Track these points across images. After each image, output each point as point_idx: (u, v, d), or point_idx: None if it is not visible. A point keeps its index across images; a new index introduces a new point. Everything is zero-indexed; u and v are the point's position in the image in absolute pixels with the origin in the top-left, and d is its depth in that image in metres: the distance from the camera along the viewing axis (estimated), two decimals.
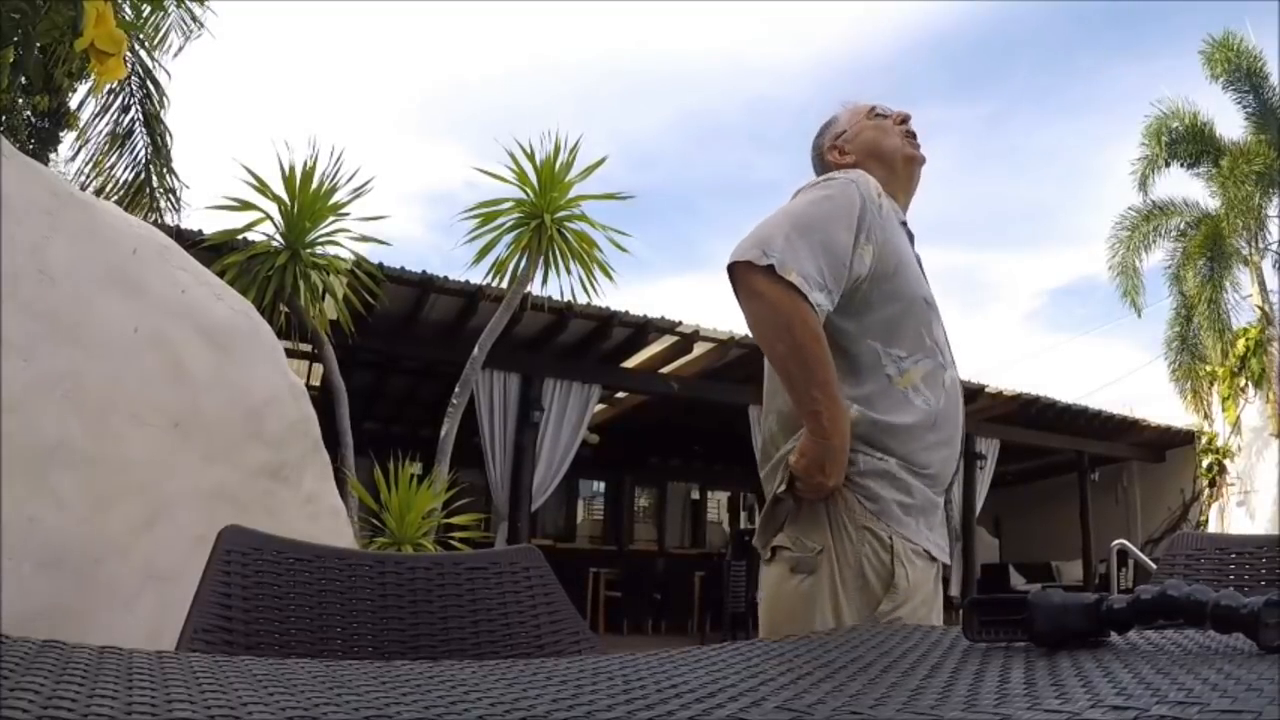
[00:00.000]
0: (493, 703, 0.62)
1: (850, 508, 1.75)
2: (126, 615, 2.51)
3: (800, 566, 1.77)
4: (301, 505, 3.21)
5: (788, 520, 1.83)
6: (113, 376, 2.60)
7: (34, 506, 2.31)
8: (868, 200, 1.85)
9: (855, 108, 2.16)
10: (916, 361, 1.84)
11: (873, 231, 1.82)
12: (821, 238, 1.75)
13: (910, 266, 1.92)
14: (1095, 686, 0.66)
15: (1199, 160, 14.92)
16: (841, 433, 1.71)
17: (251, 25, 22.34)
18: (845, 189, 1.85)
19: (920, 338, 1.86)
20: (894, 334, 1.84)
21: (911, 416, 1.80)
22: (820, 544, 1.75)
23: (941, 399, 1.85)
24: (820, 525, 1.76)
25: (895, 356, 1.82)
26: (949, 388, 1.89)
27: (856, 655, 0.92)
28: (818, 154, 2.18)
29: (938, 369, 1.87)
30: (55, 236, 2.51)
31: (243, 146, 30.40)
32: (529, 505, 9.50)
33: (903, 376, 1.82)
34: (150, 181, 8.25)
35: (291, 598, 1.39)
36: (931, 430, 1.82)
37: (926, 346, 1.86)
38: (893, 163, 2.07)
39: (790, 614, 1.76)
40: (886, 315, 1.84)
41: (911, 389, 1.82)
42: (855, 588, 1.71)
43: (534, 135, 6.48)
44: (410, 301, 8.67)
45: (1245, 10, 22.19)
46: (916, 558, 1.75)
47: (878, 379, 1.81)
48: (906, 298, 1.87)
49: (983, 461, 12.91)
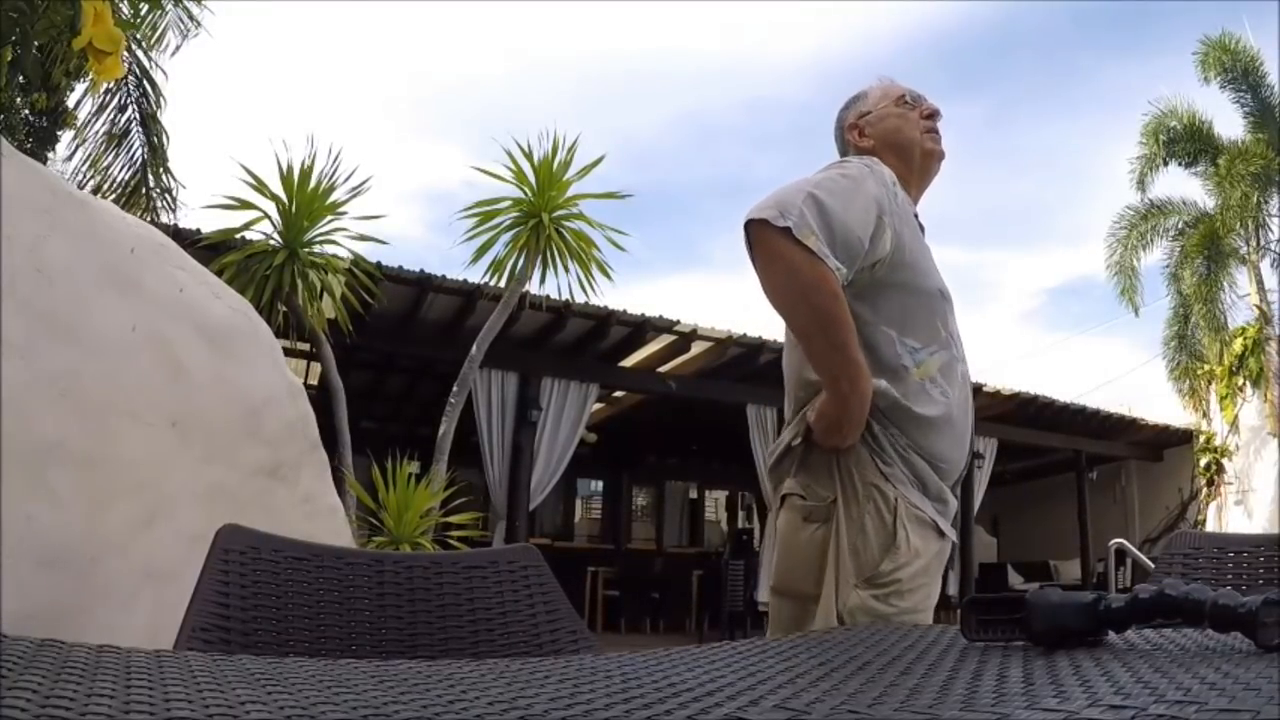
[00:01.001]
0: (491, 701, 0.62)
1: (861, 462, 1.74)
2: (124, 614, 2.51)
3: (813, 515, 1.77)
4: (299, 504, 3.21)
5: (798, 465, 1.83)
6: (110, 375, 2.60)
7: (32, 505, 2.31)
8: (885, 186, 1.84)
9: (887, 89, 2.12)
10: (933, 353, 1.83)
11: (892, 216, 1.81)
12: (840, 209, 1.72)
13: (926, 257, 1.91)
14: (1093, 686, 0.66)
15: (1197, 159, 14.93)
16: (861, 394, 1.71)
17: (250, 25, 22.34)
18: (863, 172, 1.84)
19: (936, 329, 1.85)
20: (909, 324, 1.82)
21: (932, 410, 1.79)
22: (831, 493, 1.75)
23: (956, 392, 1.85)
24: (830, 475, 1.76)
25: (911, 347, 1.81)
26: (962, 382, 1.89)
27: (854, 654, 0.92)
28: (840, 126, 2.15)
29: (953, 361, 1.86)
30: (53, 235, 2.51)
31: (241, 146, 30.41)
32: (527, 504, 9.49)
33: (919, 368, 1.81)
34: (146, 181, 8.24)
35: (289, 597, 1.39)
36: (949, 425, 1.82)
37: (942, 338, 1.86)
38: (910, 155, 2.05)
39: (806, 561, 1.76)
40: (903, 304, 1.83)
41: (929, 381, 1.81)
42: (859, 543, 1.71)
43: (532, 134, 6.49)
44: (408, 300, 8.66)
45: (1244, 10, 22.18)
46: (920, 525, 1.75)
47: (895, 369, 1.80)
48: (922, 288, 1.87)
49: (980, 461, 12.90)
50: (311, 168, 5.95)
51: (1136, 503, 16.08)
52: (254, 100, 26.91)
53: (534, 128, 7.09)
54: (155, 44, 7.98)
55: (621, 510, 16.61)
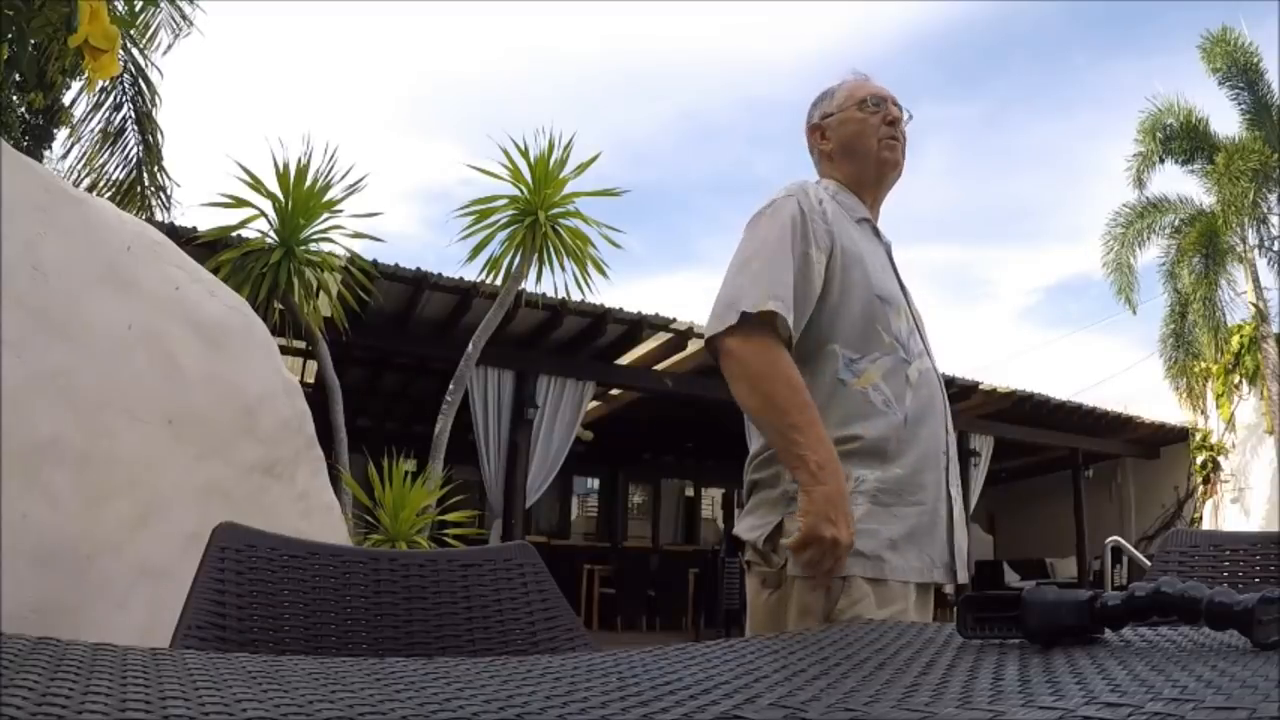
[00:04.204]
0: (487, 699, 0.62)
1: None
2: (120, 612, 2.51)
3: (768, 581, 1.77)
4: (295, 502, 3.20)
5: (751, 517, 1.82)
6: (106, 373, 2.59)
7: (27, 503, 2.31)
8: (808, 211, 1.83)
9: (852, 90, 2.06)
10: (874, 360, 1.80)
11: (819, 238, 1.81)
12: (766, 261, 1.76)
13: (862, 263, 1.86)
14: (1089, 683, 0.67)
15: (1193, 157, 14.94)
16: (835, 475, 1.65)
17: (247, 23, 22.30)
18: (780, 208, 1.84)
19: (876, 335, 1.82)
20: (843, 335, 1.80)
21: (875, 427, 1.77)
22: (782, 557, 1.72)
23: (908, 396, 1.81)
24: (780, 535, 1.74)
25: (848, 358, 1.79)
26: (916, 382, 1.84)
27: (851, 652, 0.92)
28: (807, 123, 2.13)
29: (899, 365, 1.83)
30: (49, 233, 2.50)
31: (237, 144, 30.37)
32: (523, 502, 9.49)
33: (859, 378, 1.79)
34: (142, 179, 8.24)
35: (285, 595, 1.39)
36: (902, 427, 1.79)
37: (885, 344, 1.82)
38: (864, 163, 2.02)
39: (763, 628, 1.76)
40: (833, 315, 1.81)
41: (871, 388, 1.78)
42: (804, 607, 1.68)
43: (528, 132, 6.48)
44: (404, 298, 8.65)
45: (1239, 8, 22.23)
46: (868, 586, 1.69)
47: (833, 384, 1.78)
48: (856, 297, 1.83)
49: (977, 459, 12.92)
50: (308, 165, 5.93)
51: (1133, 500, 16.11)
52: (250, 98, 26.92)
53: (531, 125, 7.09)
54: (148, 43, 7.97)
55: (617, 508, 16.63)
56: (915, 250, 6.60)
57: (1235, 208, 13.95)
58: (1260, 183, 13.93)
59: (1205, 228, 14.51)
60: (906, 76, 36.34)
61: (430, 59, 40.08)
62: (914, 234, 7.89)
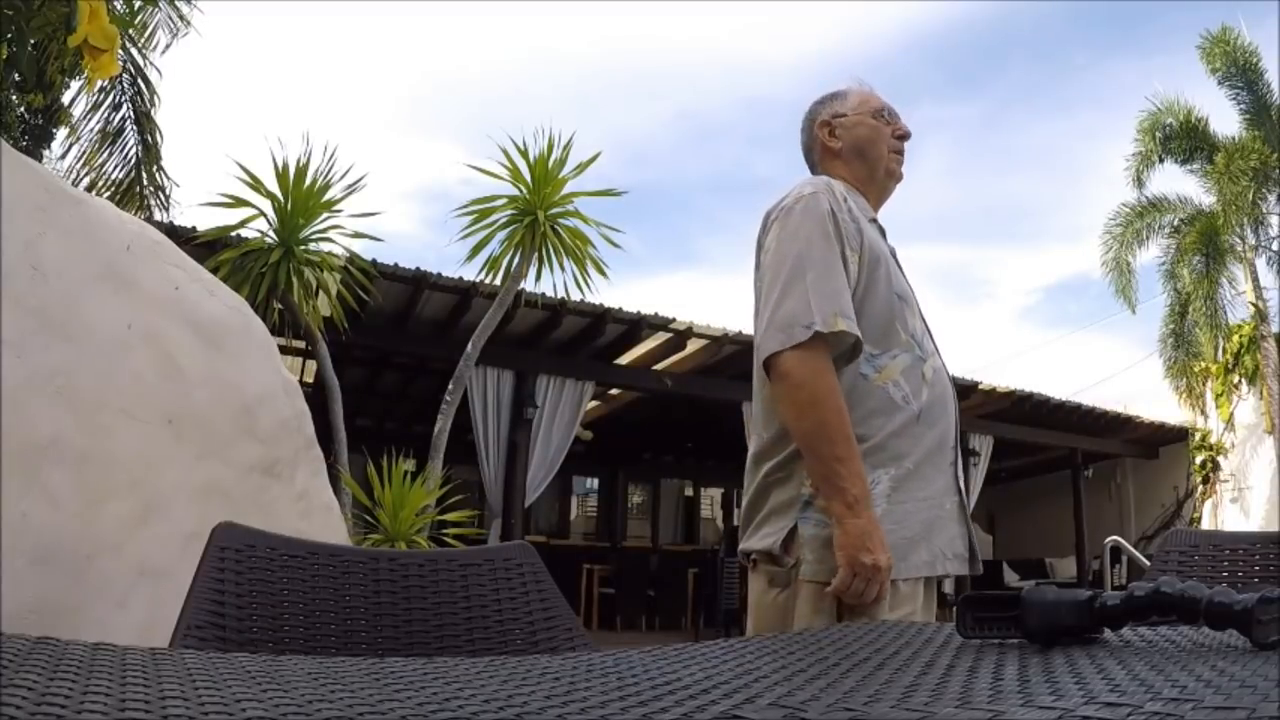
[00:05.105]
0: (486, 699, 0.62)
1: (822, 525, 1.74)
2: (119, 612, 2.51)
3: (776, 581, 1.78)
4: (294, 502, 3.20)
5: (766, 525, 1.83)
6: (105, 373, 2.59)
7: (26, 502, 2.31)
8: (836, 210, 1.85)
9: (866, 97, 2.12)
10: (894, 357, 1.84)
11: (850, 238, 1.84)
12: (821, 271, 1.77)
13: (884, 262, 1.91)
14: (1089, 683, 0.67)
15: (1193, 156, 14.95)
16: (869, 508, 1.68)
17: (246, 23, 22.29)
18: (811, 206, 1.85)
19: (895, 333, 1.86)
20: (866, 331, 1.82)
21: (894, 422, 1.80)
22: (794, 558, 1.75)
23: (924, 392, 1.85)
24: (794, 539, 1.76)
25: (869, 354, 1.82)
26: (932, 379, 1.88)
27: (850, 652, 0.92)
28: (810, 120, 2.15)
29: (917, 362, 1.87)
30: (48, 233, 2.50)
31: (236, 144, 30.36)
32: (522, 502, 9.50)
33: (880, 373, 1.82)
34: (141, 179, 8.24)
35: (285, 594, 1.39)
36: (916, 423, 1.82)
37: (903, 341, 1.86)
38: (875, 167, 2.07)
39: (769, 627, 1.77)
40: (860, 311, 1.83)
41: (892, 384, 1.82)
42: (815, 607, 1.70)
43: (528, 132, 6.48)
44: (404, 298, 8.65)
45: (1239, 8, 22.23)
46: None
47: (854, 380, 1.81)
48: (877, 294, 1.86)
49: (976, 458, 12.92)
50: (307, 165, 5.93)
51: (1132, 500, 16.12)
52: (250, 98, 26.91)
53: (530, 125, 7.09)
54: (147, 42, 7.97)
55: (617, 508, 16.63)
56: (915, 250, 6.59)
57: (1235, 207, 13.96)
58: (1260, 182, 13.94)
59: (1205, 227, 14.51)
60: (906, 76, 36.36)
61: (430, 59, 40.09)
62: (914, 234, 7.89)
